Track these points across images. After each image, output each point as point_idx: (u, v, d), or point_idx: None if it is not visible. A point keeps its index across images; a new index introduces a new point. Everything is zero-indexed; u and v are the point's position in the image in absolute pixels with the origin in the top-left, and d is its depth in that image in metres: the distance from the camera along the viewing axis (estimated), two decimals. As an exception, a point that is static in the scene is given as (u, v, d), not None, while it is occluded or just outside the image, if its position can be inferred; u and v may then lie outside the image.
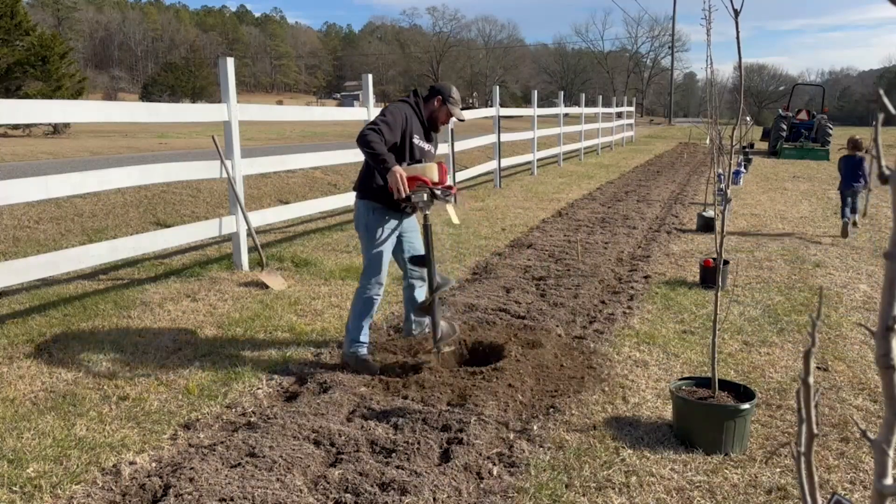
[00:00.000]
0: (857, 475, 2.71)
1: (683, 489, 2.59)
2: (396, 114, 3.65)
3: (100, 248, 4.88)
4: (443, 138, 10.32)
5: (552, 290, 5.42)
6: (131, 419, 3.14)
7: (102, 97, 57.36)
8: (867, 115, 53.64)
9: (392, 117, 3.61)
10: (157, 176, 5.33)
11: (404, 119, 3.68)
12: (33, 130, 22.72)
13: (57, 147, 15.56)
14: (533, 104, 15.48)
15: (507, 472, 2.70)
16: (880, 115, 0.72)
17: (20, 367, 3.73)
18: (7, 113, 4.41)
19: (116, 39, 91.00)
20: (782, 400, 3.40)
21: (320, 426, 2.97)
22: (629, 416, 3.21)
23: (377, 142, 3.47)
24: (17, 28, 24.90)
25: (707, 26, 3.24)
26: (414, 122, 3.75)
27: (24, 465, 2.71)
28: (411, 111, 3.77)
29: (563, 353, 4.02)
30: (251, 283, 5.56)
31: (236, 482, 2.51)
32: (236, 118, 5.83)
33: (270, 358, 3.92)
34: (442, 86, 3.90)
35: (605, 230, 8.17)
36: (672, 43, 60.87)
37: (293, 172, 10.68)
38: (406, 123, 3.69)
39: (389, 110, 3.66)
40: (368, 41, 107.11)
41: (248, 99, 60.70)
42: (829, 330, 4.51)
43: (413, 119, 3.75)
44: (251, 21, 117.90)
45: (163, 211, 8.26)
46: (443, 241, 7.39)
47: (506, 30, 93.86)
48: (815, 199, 11.36)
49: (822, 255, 6.86)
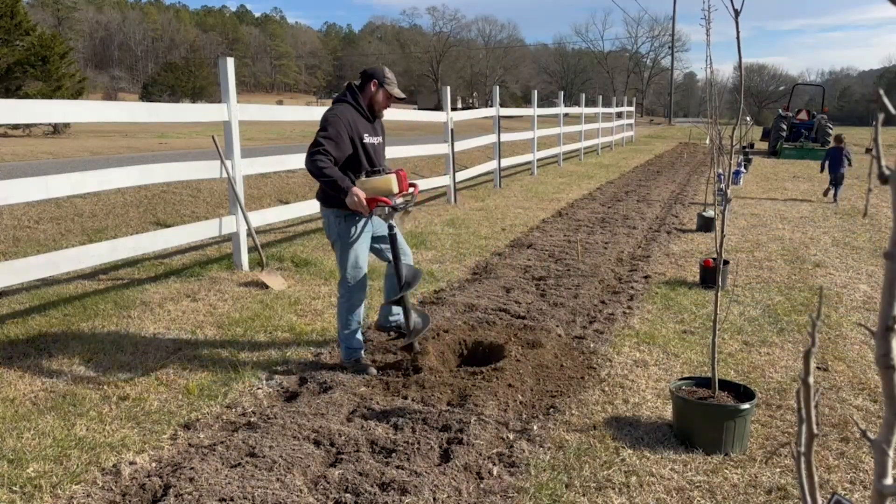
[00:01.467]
0: (857, 475, 2.71)
1: (683, 489, 2.59)
2: (337, 122, 3.51)
3: (100, 248, 4.88)
4: (442, 139, 10.34)
5: (552, 290, 5.42)
6: (131, 419, 3.14)
7: (102, 97, 57.37)
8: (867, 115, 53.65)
9: (334, 129, 3.49)
10: (157, 176, 5.33)
11: (347, 124, 3.56)
12: (33, 130, 22.72)
13: (57, 147, 15.56)
14: (533, 104, 15.48)
15: (507, 472, 2.70)
16: (880, 115, 0.72)
17: (20, 367, 3.73)
18: (7, 113, 4.41)
19: (116, 39, 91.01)
20: (782, 400, 3.40)
21: (320, 426, 2.97)
22: (629, 416, 3.21)
23: (328, 166, 3.41)
24: (17, 28, 24.91)
25: (707, 26, 3.24)
26: (359, 121, 3.64)
27: (24, 465, 2.71)
28: (352, 110, 3.64)
29: (563, 353, 4.02)
30: (251, 283, 5.56)
31: (236, 482, 2.51)
32: (236, 118, 5.83)
33: (270, 358, 3.92)
34: (374, 69, 3.76)
35: (605, 230, 8.17)
36: (672, 43, 60.86)
37: (293, 172, 10.68)
38: (351, 127, 3.57)
39: (329, 121, 3.51)
40: (368, 41, 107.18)
41: (248, 99, 60.70)
42: (829, 330, 4.51)
43: (357, 117, 3.63)
44: (251, 21, 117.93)
45: (163, 211, 8.26)
46: (442, 241, 7.40)
47: (506, 30, 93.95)
48: (815, 198, 11.36)
49: (822, 255, 6.86)
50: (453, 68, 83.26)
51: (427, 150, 10.06)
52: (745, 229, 8.33)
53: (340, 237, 3.67)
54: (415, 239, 7.53)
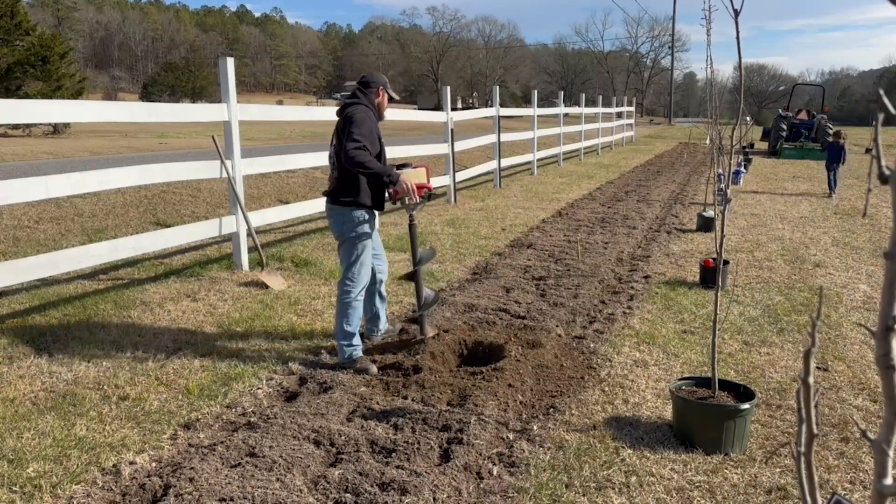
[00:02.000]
0: (857, 475, 2.71)
1: (683, 489, 2.59)
2: (369, 121, 3.70)
3: (100, 247, 4.88)
4: (442, 139, 10.34)
5: (552, 290, 5.42)
6: (131, 419, 3.14)
7: (102, 97, 57.35)
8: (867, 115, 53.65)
9: (367, 127, 3.66)
10: (157, 176, 5.33)
11: (373, 124, 3.77)
12: (33, 130, 22.72)
13: (57, 147, 15.56)
14: (533, 104, 15.48)
15: (507, 472, 2.70)
16: (880, 115, 0.72)
17: (20, 367, 3.73)
18: (7, 113, 4.41)
19: (116, 39, 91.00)
20: (782, 400, 3.40)
21: (320, 426, 2.97)
22: (629, 416, 3.21)
23: (371, 159, 3.58)
24: (17, 28, 24.91)
25: (707, 26, 3.24)
26: (375, 122, 3.84)
27: (24, 465, 2.71)
28: (371, 112, 3.80)
29: (563, 353, 4.02)
30: (251, 283, 5.56)
31: (236, 482, 2.51)
32: (236, 118, 5.83)
33: (270, 358, 3.92)
34: (376, 76, 3.97)
35: (605, 230, 8.17)
36: (672, 43, 60.85)
37: (293, 172, 10.69)
38: (375, 127, 3.79)
39: (363, 120, 3.66)
40: (368, 41, 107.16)
41: (248, 99, 60.71)
42: (829, 330, 4.51)
43: (374, 119, 3.84)
44: (251, 21, 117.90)
45: (163, 211, 8.26)
46: (442, 241, 7.40)
47: (506, 30, 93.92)
48: (815, 199, 11.36)
49: (822, 255, 6.86)
50: (453, 68, 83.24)
51: (427, 150, 10.06)
52: (745, 229, 8.33)
53: (358, 235, 3.76)
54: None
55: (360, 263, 3.78)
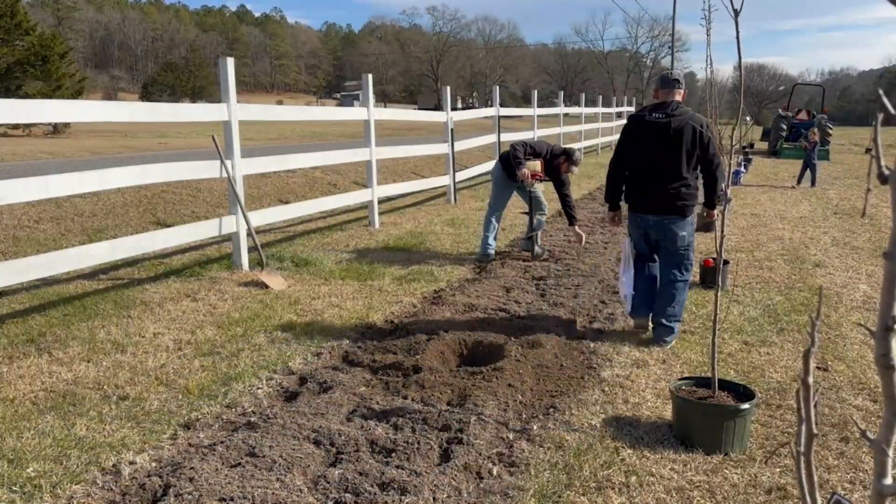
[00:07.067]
0: (857, 475, 2.71)
1: (683, 489, 2.59)
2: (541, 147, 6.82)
3: (100, 247, 4.88)
4: (442, 139, 10.34)
5: (552, 290, 5.42)
6: (131, 419, 3.14)
7: (102, 97, 57.29)
8: (867, 115, 53.63)
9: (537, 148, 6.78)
10: (156, 175, 5.33)
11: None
12: (33, 130, 22.72)
13: (57, 147, 15.56)
14: (533, 104, 15.48)
15: (507, 472, 2.70)
16: (880, 115, 0.72)
17: (20, 367, 3.73)
18: (7, 113, 4.41)
19: (116, 39, 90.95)
20: (782, 400, 3.40)
21: (320, 426, 2.97)
22: (629, 416, 3.21)
23: (521, 154, 6.46)
24: (17, 28, 24.93)
25: (707, 26, 3.24)
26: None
27: (24, 464, 2.70)
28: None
29: (563, 353, 4.02)
30: (251, 282, 5.56)
31: (236, 482, 2.51)
32: (236, 118, 5.83)
33: (270, 358, 3.92)
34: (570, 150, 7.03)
35: (605, 230, 8.17)
36: (672, 43, 60.71)
37: (293, 172, 10.68)
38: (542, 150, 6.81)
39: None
40: (368, 41, 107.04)
41: (248, 99, 60.65)
42: (829, 330, 4.51)
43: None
44: (251, 21, 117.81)
45: (163, 211, 8.26)
46: (442, 241, 7.39)
47: (506, 30, 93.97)
48: (815, 198, 11.36)
49: (822, 255, 6.86)
50: (453, 68, 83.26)
51: (427, 149, 10.06)
52: (745, 229, 8.33)
53: (496, 184, 6.83)
54: (415, 238, 7.54)
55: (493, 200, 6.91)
